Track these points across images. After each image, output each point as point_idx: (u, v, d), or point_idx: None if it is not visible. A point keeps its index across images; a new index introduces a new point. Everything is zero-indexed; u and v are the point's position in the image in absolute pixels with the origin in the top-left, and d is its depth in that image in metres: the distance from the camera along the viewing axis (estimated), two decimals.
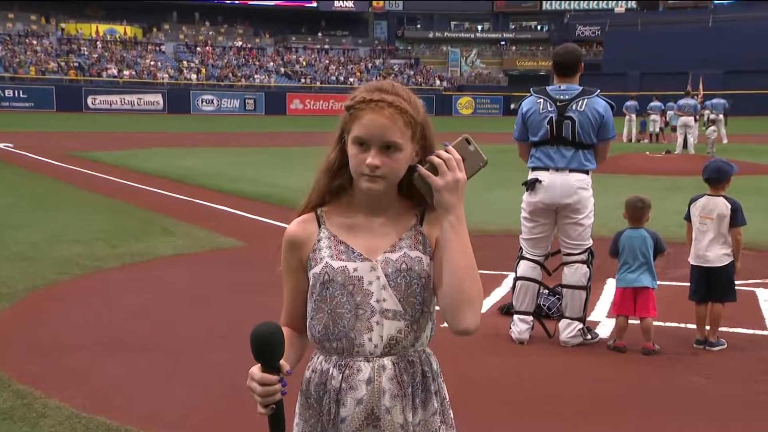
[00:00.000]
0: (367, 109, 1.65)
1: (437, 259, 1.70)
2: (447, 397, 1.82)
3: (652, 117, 27.93)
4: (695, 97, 24.56)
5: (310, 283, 1.76)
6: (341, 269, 1.70)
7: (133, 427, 3.62)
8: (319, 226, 1.76)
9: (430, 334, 1.77)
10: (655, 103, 27.68)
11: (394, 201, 1.74)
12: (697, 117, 23.44)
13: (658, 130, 27.79)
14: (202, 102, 53.74)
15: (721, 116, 26.77)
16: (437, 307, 1.72)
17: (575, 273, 5.05)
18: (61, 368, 4.57)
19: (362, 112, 1.66)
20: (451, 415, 1.83)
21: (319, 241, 1.74)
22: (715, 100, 27.13)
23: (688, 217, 5.13)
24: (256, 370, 1.59)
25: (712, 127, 22.45)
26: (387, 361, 1.69)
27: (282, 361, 1.58)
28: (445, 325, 1.65)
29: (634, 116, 28.51)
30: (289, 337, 1.73)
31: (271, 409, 1.60)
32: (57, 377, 4.39)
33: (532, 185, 5.07)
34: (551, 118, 4.98)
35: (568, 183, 4.97)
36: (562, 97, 4.99)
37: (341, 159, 1.74)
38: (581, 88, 5.02)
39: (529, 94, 5.19)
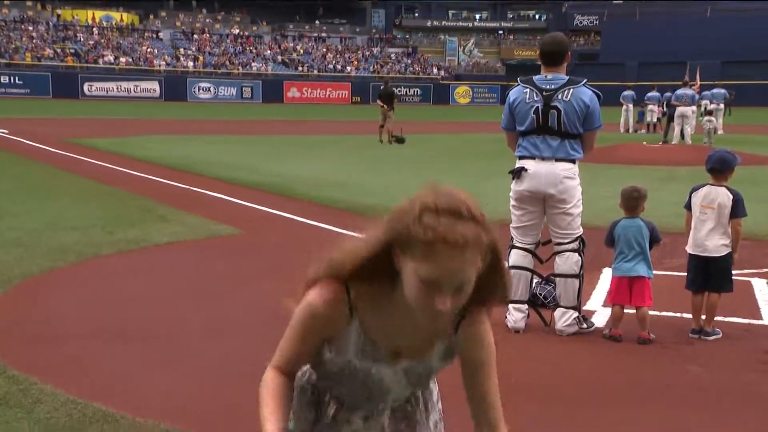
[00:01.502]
0: (444, 248, 1.43)
1: (465, 376, 1.68)
2: (437, 395, 1.87)
3: (650, 107, 27.92)
4: (692, 87, 24.53)
5: (324, 357, 1.67)
6: (364, 370, 1.65)
7: (129, 415, 3.62)
8: (351, 315, 1.60)
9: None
10: (653, 94, 27.67)
11: None
12: (695, 107, 23.44)
13: (655, 120, 27.78)
14: (198, 90, 53.61)
15: (722, 106, 26.79)
16: None
17: (566, 262, 5.07)
18: (57, 355, 4.57)
19: (436, 249, 1.43)
20: (440, 407, 1.88)
21: (347, 332, 1.62)
22: (715, 90, 27.15)
23: (688, 206, 5.13)
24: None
25: (708, 117, 22.46)
26: (386, 417, 1.74)
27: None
28: None
29: (631, 106, 28.49)
30: (283, 390, 1.67)
31: None
32: (53, 364, 4.39)
33: (518, 174, 5.08)
34: (537, 107, 4.99)
35: (554, 172, 4.98)
36: (548, 86, 5.00)
37: (386, 264, 1.53)
38: (568, 77, 5.03)
39: (516, 84, 5.20)
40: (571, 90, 4.96)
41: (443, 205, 1.46)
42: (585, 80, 5.06)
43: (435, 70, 65.56)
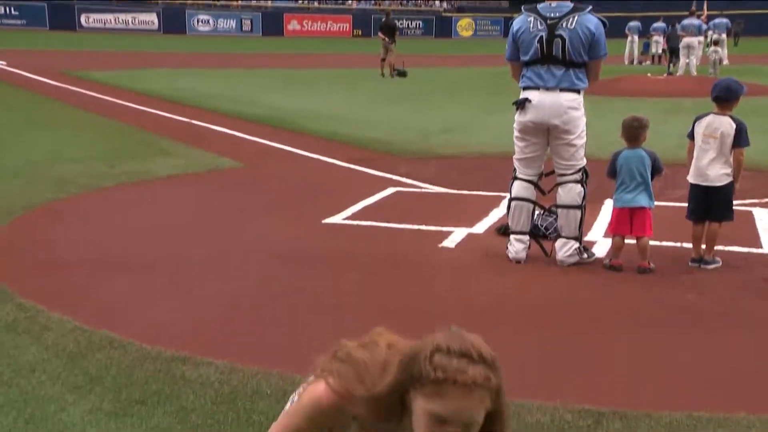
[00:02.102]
0: (454, 389, 1.49)
1: None
2: None
3: (655, 38, 27.45)
4: (699, 17, 24.08)
5: None
6: None
7: (136, 341, 3.68)
8: (354, 419, 1.70)
9: None
10: (659, 24, 27.17)
11: None
12: (701, 38, 23.07)
13: (660, 51, 27.36)
14: (198, 22, 52.70)
15: (724, 36, 26.33)
16: None
17: (569, 192, 5.07)
18: (63, 284, 4.62)
19: (446, 389, 1.49)
20: None
21: (347, 428, 1.71)
22: (717, 20, 26.63)
23: (691, 135, 5.10)
24: None
25: (713, 48, 22.13)
26: None
27: None
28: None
29: (636, 37, 28.02)
30: None
31: None
32: (58, 293, 4.44)
33: (521, 105, 5.03)
34: (541, 36, 4.90)
35: (558, 102, 4.93)
36: (552, 15, 4.91)
37: (398, 400, 1.59)
38: (572, 5, 4.93)
39: (520, 13, 5.10)
40: (576, 17, 4.87)
41: (455, 347, 1.53)
42: (590, 7, 4.96)
43: (437, 2, 64.30)
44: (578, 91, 4.98)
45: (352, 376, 1.66)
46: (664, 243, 5.46)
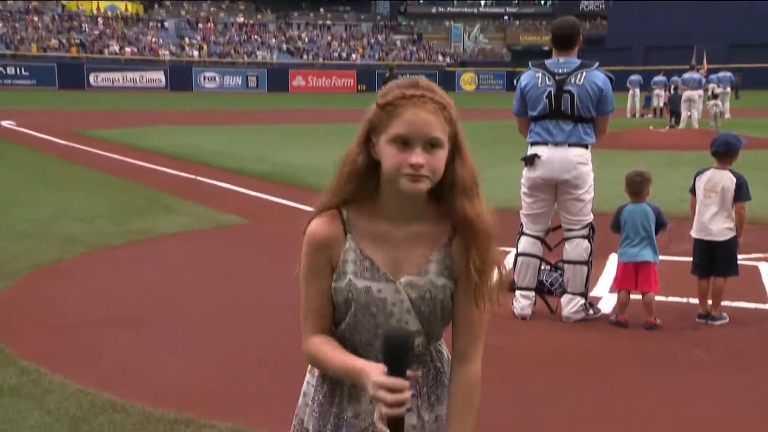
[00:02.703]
0: (409, 105, 1.56)
1: (455, 300, 1.69)
2: None
3: (656, 92, 27.75)
4: (699, 71, 24.37)
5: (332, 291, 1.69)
6: (365, 289, 1.65)
7: (138, 403, 3.66)
8: (345, 234, 1.66)
9: (441, 334, 1.77)
10: (660, 78, 27.50)
11: (424, 207, 1.66)
12: (701, 92, 23.30)
13: (662, 105, 27.62)
14: (204, 79, 53.54)
15: (728, 90, 26.60)
16: None
17: (576, 248, 5.06)
18: (67, 345, 4.61)
19: (402, 109, 1.56)
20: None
21: (345, 251, 1.66)
22: (721, 74, 26.94)
23: (693, 190, 5.12)
24: (382, 376, 1.47)
25: (714, 101, 22.32)
26: None
27: (408, 371, 1.50)
28: None
29: (637, 91, 28.33)
30: (332, 341, 1.69)
31: (395, 423, 1.47)
32: (62, 354, 4.43)
33: (531, 160, 5.05)
34: (550, 92, 4.95)
35: (567, 158, 4.95)
36: (560, 70, 4.96)
37: (368, 163, 1.64)
38: (580, 61, 4.99)
39: (527, 69, 5.17)
40: (584, 73, 4.92)
41: (402, 82, 1.62)
42: (597, 63, 5.02)
43: (440, 57, 65.27)
44: (586, 146, 5.01)
45: (328, 189, 1.70)
46: (670, 298, 5.44)
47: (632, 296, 5.01)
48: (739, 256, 5.11)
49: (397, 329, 1.60)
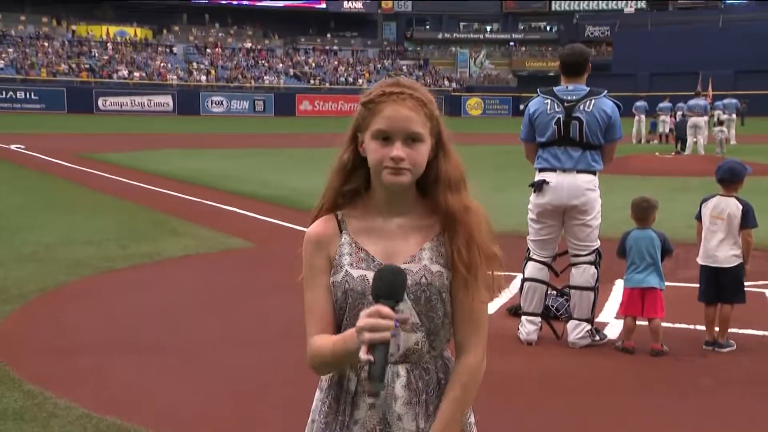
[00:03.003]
0: (389, 101, 1.64)
1: (453, 292, 1.70)
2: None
3: (662, 118, 27.81)
4: (705, 97, 24.44)
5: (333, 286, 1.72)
6: (360, 278, 1.68)
7: (143, 428, 3.65)
8: (341, 231, 1.72)
9: (447, 340, 1.77)
10: (665, 104, 27.57)
11: (414, 201, 1.71)
12: (707, 118, 23.35)
13: (667, 131, 27.68)
14: (211, 103, 53.91)
15: (734, 116, 26.65)
16: None
17: (583, 274, 5.05)
18: (72, 369, 4.60)
19: (383, 105, 1.65)
20: (472, 420, 1.82)
21: (341, 246, 1.71)
22: (727, 100, 27.02)
23: (699, 217, 5.12)
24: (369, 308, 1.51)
25: (720, 128, 22.36)
26: (402, 369, 1.69)
27: (399, 311, 1.53)
28: None
29: (643, 117, 28.38)
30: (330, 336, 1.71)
31: (378, 350, 1.47)
32: (67, 378, 4.42)
33: (539, 186, 5.05)
34: (559, 118, 4.97)
35: (576, 184, 4.96)
36: (569, 97, 4.98)
37: (355, 160, 1.71)
38: (589, 88, 5.01)
39: (536, 95, 5.19)
40: (593, 101, 4.95)
41: (385, 81, 1.70)
42: (605, 91, 5.05)
43: (446, 82, 65.62)
44: (594, 173, 5.02)
45: (322, 193, 1.78)
46: (677, 325, 5.41)
47: (638, 322, 4.99)
48: (746, 283, 5.08)
49: (390, 264, 1.61)
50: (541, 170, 5.09)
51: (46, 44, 57.23)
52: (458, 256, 1.66)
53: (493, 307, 5.97)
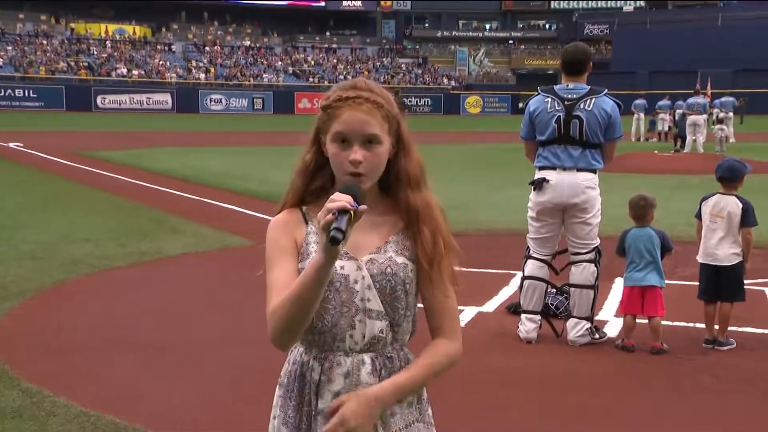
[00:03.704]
0: (345, 107, 1.69)
1: (419, 284, 1.75)
2: (425, 395, 1.84)
3: (661, 116, 27.82)
4: (704, 95, 24.43)
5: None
6: None
7: (141, 427, 3.64)
8: (306, 223, 1.76)
9: (411, 334, 1.81)
10: (664, 102, 27.58)
11: (377, 199, 1.75)
12: (706, 116, 23.35)
13: (666, 128, 27.68)
14: (210, 101, 53.85)
15: (731, 114, 26.64)
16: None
17: (583, 272, 5.04)
18: (70, 367, 4.59)
19: (340, 110, 1.69)
20: (430, 412, 1.84)
21: (307, 235, 1.75)
22: (724, 99, 27.03)
23: (699, 215, 5.11)
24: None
25: (719, 126, 22.37)
26: (366, 357, 1.73)
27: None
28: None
29: (642, 115, 28.39)
30: None
31: (334, 214, 1.51)
32: (66, 376, 4.41)
33: (539, 185, 5.05)
34: (559, 117, 4.96)
35: (576, 182, 4.96)
36: (570, 96, 4.98)
37: (318, 160, 1.77)
38: (589, 87, 5.01)
39: (536, 93, 5.18)
40: (593, 99, 4.94)
41: (343, 85, 1.74)
42: (606, 90, 5.04)
43: (445, 80, 65.60)
44: (594, 171, 5.02)
45: (288, 189, 1.83)
46: (677, 323, 5.41)
47: (638, 320, 4.98)
48: (746, 281, 5.08)
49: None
50: (541, 168, 5.09)
51: (44, 42, 57.16)
52: (423, 249, 1.72)
53: (492, 306, 5.96)
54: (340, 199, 1.53)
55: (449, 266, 1.75)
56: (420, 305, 1.78)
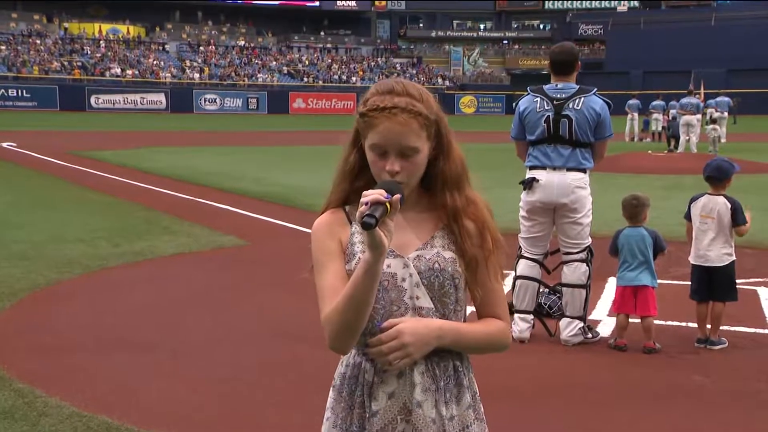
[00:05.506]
0: (381, 117, 1.66)
1: (467, 278, 1.74)
2: (477, 391, 1.83)
3: (655, 116, 27.87)
4: (697, 96, 24.49)
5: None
6: None
7: (134, 427, 3.63)
8: (350, 223, 1.75)
9: None
10: (658, 102, 27.64)
11: (419, 196, 1.75)
12: (700, 116, 23.40)
13: (660, 129, 27.74)
14: (204, 101, 53.77)
15: (726, 114, 26.71)
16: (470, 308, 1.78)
17: (575, 272, 5.06)
18: (63, 367, 4.58)
19: (376, 120, 1.67)
20: (482, 409, 1.84)
21: (352, 235, 1.74)
22: (719, 98, 27.09)
23: (688, 217, 5.13)
24: None
25: (713, 126, 22.43)
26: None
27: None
28: None
29: (636, 115, 28.46)
30: None
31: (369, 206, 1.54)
32: (58, 376, 4.40)
33: (529, 184, 5.07)
34: (548, 116, 4.98)
35: (566, 182, 4.97)
36: (559, 95, 4.99)
37: (360, 161, 1.75)
38: (578, 86, 5.02)
39: (526, 93, 5.20)
40: (582, 99, 4.95)
41: (380, 88, 1.71)
42: (595, 89, 5.05)
43: (440, 80, 65.61)
44: (585, 171, 5.03)
45: (330, 191, 1.82)
46: (669, 322, 5.42)
47: (631, 320, 5.00)
48: (738, 281, 5.10)
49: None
50: (531, 168, 5.11)
51: (38, 42, 56.97)
52: (467, 247, 1.71)
53: None
54: (372, 193, 1.54)
55: (497, 262, 1.75)
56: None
